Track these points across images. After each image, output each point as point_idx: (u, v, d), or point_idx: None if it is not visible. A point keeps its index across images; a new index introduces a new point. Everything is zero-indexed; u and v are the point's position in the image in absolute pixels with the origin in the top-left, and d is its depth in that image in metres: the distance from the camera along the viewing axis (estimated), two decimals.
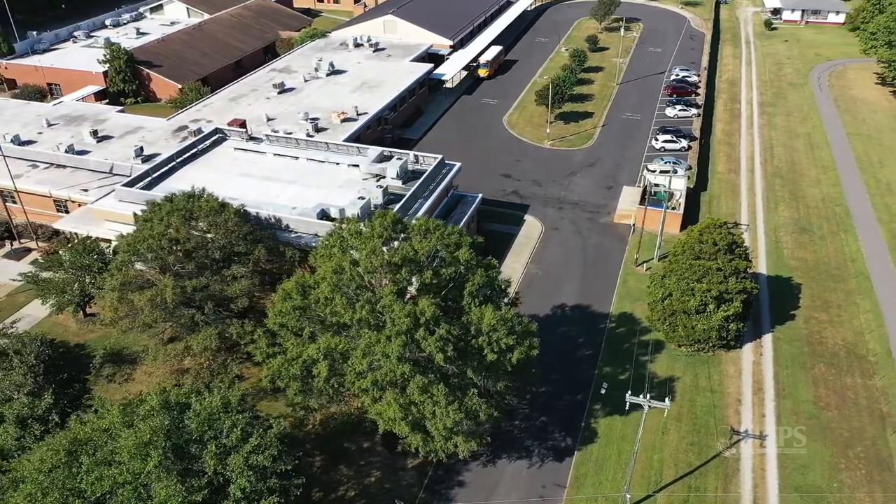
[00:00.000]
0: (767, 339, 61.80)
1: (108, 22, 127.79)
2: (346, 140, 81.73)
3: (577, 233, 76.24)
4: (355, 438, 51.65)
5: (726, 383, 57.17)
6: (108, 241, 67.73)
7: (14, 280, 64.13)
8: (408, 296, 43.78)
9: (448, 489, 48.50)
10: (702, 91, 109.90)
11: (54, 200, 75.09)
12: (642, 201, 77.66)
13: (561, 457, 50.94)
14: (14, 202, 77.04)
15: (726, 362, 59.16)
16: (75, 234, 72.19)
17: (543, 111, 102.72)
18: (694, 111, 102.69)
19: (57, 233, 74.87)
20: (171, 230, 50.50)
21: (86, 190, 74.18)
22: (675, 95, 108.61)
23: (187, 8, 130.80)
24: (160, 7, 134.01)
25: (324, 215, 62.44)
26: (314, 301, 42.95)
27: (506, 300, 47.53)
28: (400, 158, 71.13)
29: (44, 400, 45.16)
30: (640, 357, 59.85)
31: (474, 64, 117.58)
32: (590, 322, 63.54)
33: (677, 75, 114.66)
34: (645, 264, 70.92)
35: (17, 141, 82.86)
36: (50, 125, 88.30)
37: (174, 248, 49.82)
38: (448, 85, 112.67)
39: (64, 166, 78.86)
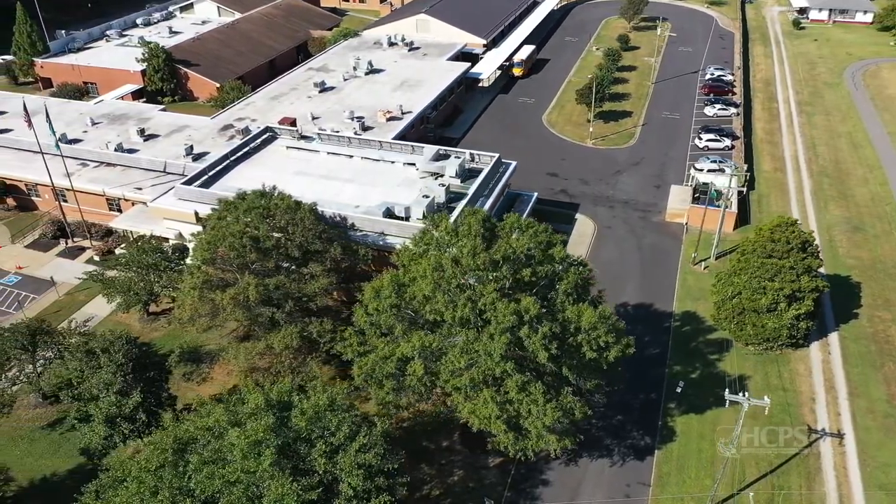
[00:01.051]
0: (833, 337, 61.70)
1: (139, 21, 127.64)
2: (393, 139, 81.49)
3: (631, 232, 76.10)
4: (434, 437, 51.51)
5: (798, 382, 57.04)
6: (167, 239, 67.66)
7: (79, 278, 64.05)
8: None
9: (533, 487, 48.37)
10: (738, 90, 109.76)
11: (107, 199, 74.88)
12: (694, 200, 77.74)
13: (641, 455, 50.82)
14: (65, 201, 76.85)
15: (795, 361, 59.03)
16: (130, 232, 72.12)
17: (582, 110, 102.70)
18: (733, 110, 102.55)
19: (110, 231, 74.73)
20: (251, 228, 50.28)
21: (140, 188, 74.01)
22: (711, 94, 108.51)
23: (218, 7, 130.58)
24: (190, 6, 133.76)
25: (389, 213, 62.29)
26: (409, 298, 42.81)
27: (588, 298, 47.34)
28: (458, 157, 71.00)
29: (132, 399, 44.89)
30: (709, 355, 59.79)
31: (507, 63, 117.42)
32: (654, 321, 63.37)
33: (712, 74, 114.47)
34: (703, 263, 70.78)
35: (64, 139, 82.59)
36: (94, 123, 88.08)
37: (255, 246, 49.55)
38: (483, 84, 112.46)
39: (114, 165, 78.69)
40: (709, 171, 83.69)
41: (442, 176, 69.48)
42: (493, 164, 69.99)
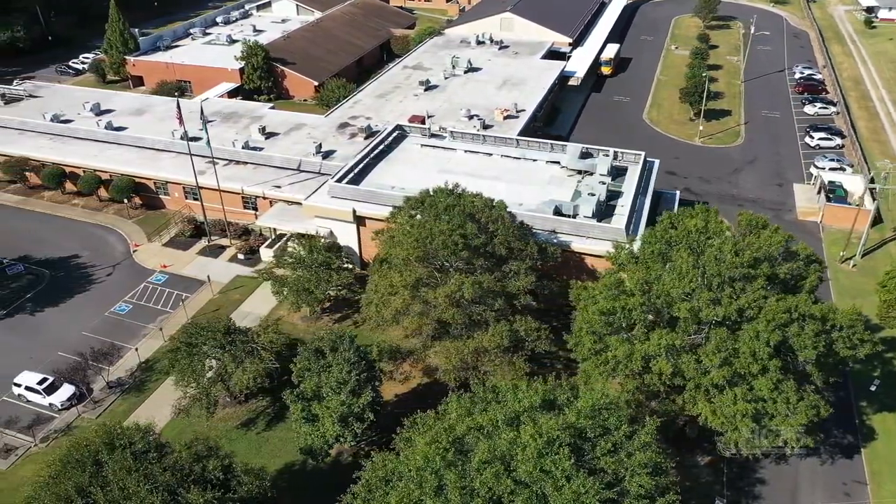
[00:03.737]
0: None
1: (219, 19, 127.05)
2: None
3: None
4: None
5: None
6: (315, 237, 66.61)
7: (251, 275, 63.99)
8: None
9: (751, 486, 48.14)
10: (831, 89, 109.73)
11: (243, 197, 74.37)
12: (828, 199, 77.59)
13: (848, 454, 50.59)
14: (196, 199, 76.42)
15: None
16: (272, 230, 71.76)
17: (681, 108, 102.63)
18: (832, 109, 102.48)
19: (247, 230, 74.34)
20: (458, 227, 49.76)
21: (278, 186, 73.55)
22: (805, 93, 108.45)
23: (297, 5, 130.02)
24: (268, 4, 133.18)
25: (557, 212, 61.95)
26: (654, 297, 42.52)
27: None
28: (607, 155, 70.68)
29: (363, 398, 44.54)
30: (883, 354, 59.51)
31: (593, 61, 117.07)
32: None
33: (802, 73, 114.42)
34: (850, 261, 70.60)
35: (186, 137, 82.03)
36: (208, 121, 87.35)
37: (465, 243, 49.08)
38: (573, 82, 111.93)
39: (245, 162, 78.24)
40: (830, 169, 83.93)
41: (591, 174, 69.15)
42: (642, 161, 69.74)
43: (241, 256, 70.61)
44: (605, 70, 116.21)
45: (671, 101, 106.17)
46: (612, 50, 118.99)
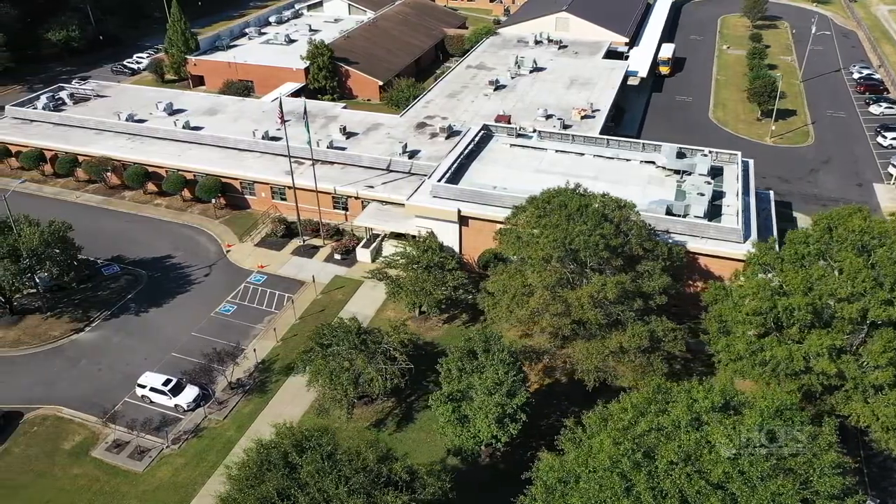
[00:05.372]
0: None
1: (272, 19, 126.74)
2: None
3: None
4: None
5: None
6: (426, 237, 66.14)
7: (365, 275, 64.24)
8: None
9: (893, 486, 48.14)
10: (892, 88, 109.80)
11: (333, 197, 74.18)
12: None
13: None
14: (283, 199, 76.37)
15: None
16: (368, 229, 71.66)
17: (745, 108, 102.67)
18: None
19: (338, 230, 74.19)
20: (595, 227, 49.64)
21: (371, 186, 73.39)
22: (867, 93, 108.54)
23: (348, 4, 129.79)
24: (319, 4, 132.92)
25: (668, 211, 61.85)
26: (815, 297, 42.45)
27: None
28: (705, 155, 70.64)
29: (517, 398, 44.40)
30: None
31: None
32: None
33: (861, 73, 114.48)
34: None
35: (266, 136, 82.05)
36: (286, 121, 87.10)
37: (606, 243, 48.95)
38: (632, 82, 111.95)
39: (332, 162, 78.05)
40: None
41: (689, 174, 69.04)
42: (739, 160, 69.77)
43: (337, 256, 70.39)
44: (664, 70, 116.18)
45: (734, 100, 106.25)
46: (668, 49, 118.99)
